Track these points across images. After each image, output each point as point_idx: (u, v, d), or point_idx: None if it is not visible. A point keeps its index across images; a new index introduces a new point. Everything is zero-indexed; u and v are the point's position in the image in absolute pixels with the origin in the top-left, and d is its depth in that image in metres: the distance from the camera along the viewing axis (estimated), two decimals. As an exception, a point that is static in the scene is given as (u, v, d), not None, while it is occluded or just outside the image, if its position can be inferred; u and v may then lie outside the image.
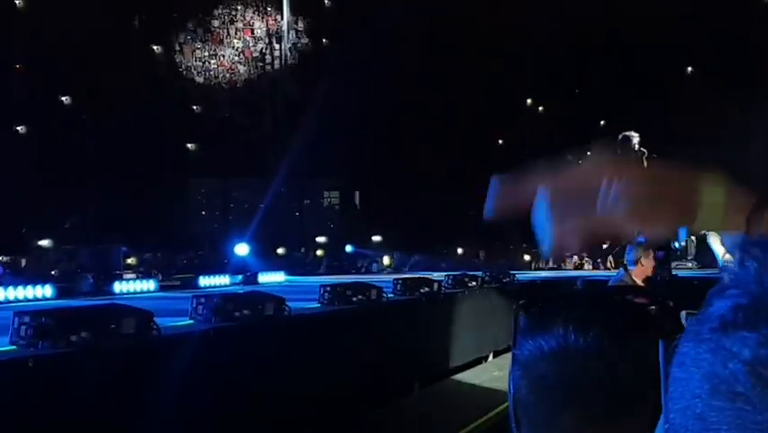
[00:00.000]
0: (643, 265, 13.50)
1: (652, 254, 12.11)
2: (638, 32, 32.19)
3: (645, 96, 31.58)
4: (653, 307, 1.39)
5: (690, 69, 33.77)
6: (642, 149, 15.75)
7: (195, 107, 32.14)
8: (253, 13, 34.43)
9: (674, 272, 18.89)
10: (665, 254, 19.01)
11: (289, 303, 11.69)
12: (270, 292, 11.93)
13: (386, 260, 30.21)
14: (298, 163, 30.52)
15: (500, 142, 34.67)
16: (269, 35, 34.15)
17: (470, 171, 32.52)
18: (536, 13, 32.46)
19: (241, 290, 16.47)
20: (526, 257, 30.95)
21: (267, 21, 34.26)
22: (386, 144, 32.15)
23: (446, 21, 33.24)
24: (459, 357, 14.90)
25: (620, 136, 16.36)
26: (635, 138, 16.04)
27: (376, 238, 31.86)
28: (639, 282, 12.97)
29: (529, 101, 35.70)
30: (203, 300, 10.53)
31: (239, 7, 34.44)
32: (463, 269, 22.71)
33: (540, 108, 35.73)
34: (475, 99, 32.51)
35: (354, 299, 12.94)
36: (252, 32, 34.42)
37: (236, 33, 34.33)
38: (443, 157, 32.02)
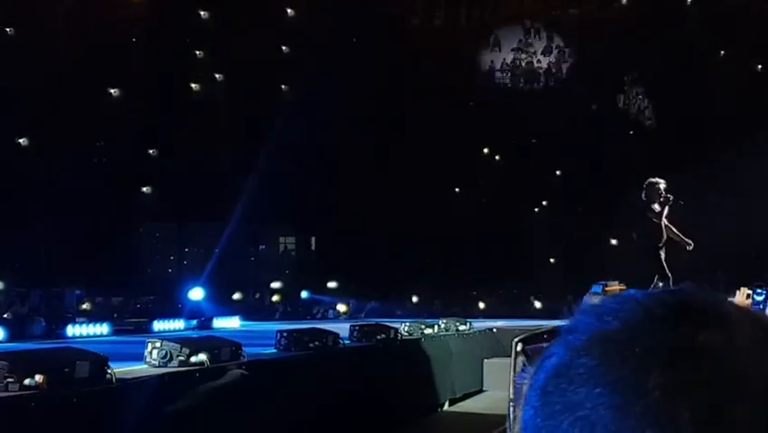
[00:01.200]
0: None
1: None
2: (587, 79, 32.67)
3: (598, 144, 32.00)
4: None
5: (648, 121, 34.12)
6: (668, 195, 15.80)
7: (151, 151, 31.94)
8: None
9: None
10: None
11: (246, 349, 11.60)
12: (227, 337, 11.85)
13: (342, 307, 30.10)
14: (254, 208, 30.37)
15: (456, 190, 34.78)
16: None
17: (428, 220, 32.68)
18: (491, 62, 32.88)
19: (196, 335, 16.33)
20: (481, 304, 30.96)
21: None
22: (342, 190, 32.17)
23: (404, 68, 33.50)
24: (415, 404, 14.84)
25: (646, 182, 16.40)
26: (662, 184, 16.06)
27: (331, 284, 31.75)
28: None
29: (486, 150, 35.88)
30: (158, 345, 10.42)
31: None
32: (419, 316, 22.71)
33: (497, 157, 35.93)
34: (432, 146, 32.64)
35: (311, 345, 12.87)
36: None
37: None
38: (399, 205, 32.05)
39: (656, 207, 15.70)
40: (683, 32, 32.46)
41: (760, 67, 32.95)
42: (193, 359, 10.40)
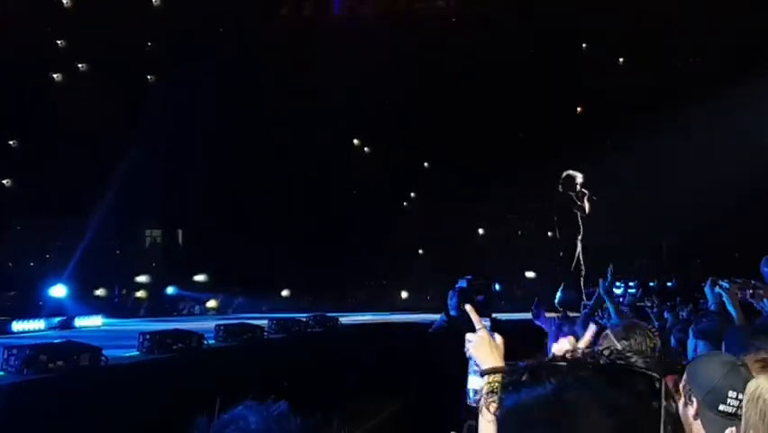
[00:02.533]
0: (463, 309, 13.70)
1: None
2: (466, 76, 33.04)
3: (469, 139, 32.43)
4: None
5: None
6: (584, 189, 15.95)
7: (11, 142, 31.06)
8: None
9: (494, 315, 19.24)
10: (485, 299, 19.43)
11: (108, 350, 11.38)
12: (86, 343, 11.58)
13: (211, 302, 29.75)
14: (119, 201, 29.82)
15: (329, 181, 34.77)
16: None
17: (298, 211, 32.63)
18: (363, 54, 32.91)
19: (56, 337, 15.92)
20: (351, 298, 31.01)
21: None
22: (211, 182, 31.80)
23: (273, 56, 33.26)
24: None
25: (563, 174, 16.49)
26: (579, 178, 16.19)
27: (199, 278, 31.37)
28: (462, 326, 13.18)
29: (356, 141, 35.95)
30: (14, 351, 10.15)
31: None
32: (288, 311, 22.67)
33: (366, 149, 36.04)
34: (303, 138, 32.58)
35: (174, 346, 12.70)
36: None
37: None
38: (270, 197, 31.94)
39: (579, 201, 15.96)
40: (551, 22, 33.13)
41: (622, 60, 33.84)
42: (51, 366, 10.17)
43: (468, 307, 4.45)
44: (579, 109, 32.42)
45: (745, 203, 27.92)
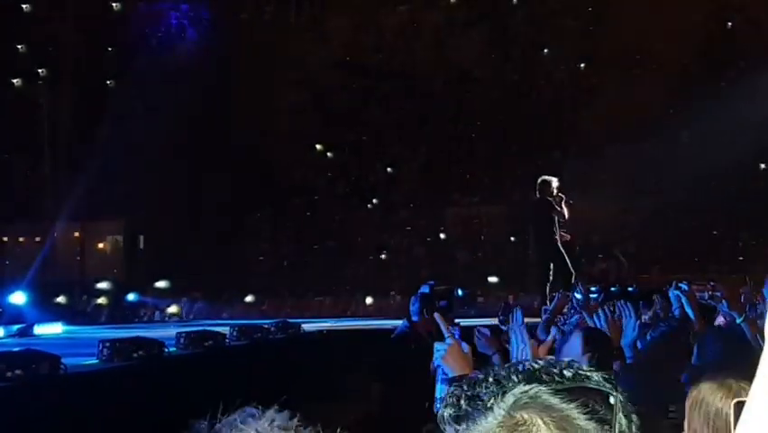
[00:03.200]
0: (426, 316, 13.77)
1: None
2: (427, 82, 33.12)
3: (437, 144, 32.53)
4: None
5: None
6: (560, 194, 15.99)
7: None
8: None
9: (457, 321, 19.20)
10: (448, 304, 19.41)
11: (67, 359, 11.26)
12: (45, 350, 11.45)
13: (173, 308, 29.53)
14: (80, 206, 29.59)
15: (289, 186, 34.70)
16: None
17: (261, 218, 32.57)
18: (323, 60, 32.95)
19: (15, 345, 15.73)
20: (314, 304, 30.87)
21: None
22: (171, 187, 31.61)
23: (233, 59, 33.19)
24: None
25: (539, 180, 16.52)
26: (555, 182, 16.24)
27: (160, 284, 31.14)
28: (424, 332, 13.20)
29: (319, 146, 35.88)
30: (-28, 361, 10.02)
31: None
32: (249, 318, 22.58)
33: (329, 154, 35.98)
34: (265, 143, 32.54)
35: (135, 354, 12.59)
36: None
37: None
38: (231, 202, 31.85)
39: (558, 206, 16.01)
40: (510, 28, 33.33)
41: (582, 65, 34.01)
42: (9, 375, 10.05)
43: (437, 315, 4.43)
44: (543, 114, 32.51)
45: (704, 207, 28.22)
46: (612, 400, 1.46)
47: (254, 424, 1.12)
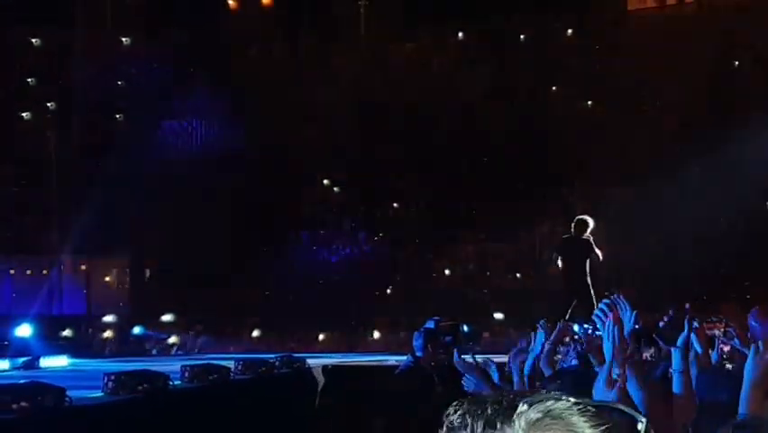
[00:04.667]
0: (430, 351, 13.83)
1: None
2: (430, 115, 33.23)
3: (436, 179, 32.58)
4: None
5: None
6: (591, 236, 16.02)
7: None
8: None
9: (463, 357, 19.13)
10: (453, 339, 19.41)
11: (72, 391, 11.29)
12: (50, 383, 11.48)
13: (178, 342, 29.53)
14: (85, 239, 29.71)
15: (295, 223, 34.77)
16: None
17: (266, 252, 32.61)
18: (333, 95, 33.12)
19: (20, 377, 15.76)
20: (321, 337, 30.82)
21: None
22: (177, 221, 31.71)
23: (241, 93, 33.36)
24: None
25: (576, 219, 16.52)
26: (591, 223, 16.24)
27: (166, 318, 31.16)
28: (428, 368, 13.24)
29: (326, 182, 35.97)
30: (-23, 393, 10.05)
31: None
32: (255, 352, 22.59)
33: (336, 189, 36.07)
34: (271, 176, 32.65)
35: (140, 387, 12.61)
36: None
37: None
38: (238, 235, 31.93)
39: (591, 249, 16.06)
40: (514, 69, 33.51)
41: (590, 103, 34.13)
42: (14, 406, 10.07)
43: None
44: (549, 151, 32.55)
45: (713, 246, 28.19)
46: (640, 426, 1.46)
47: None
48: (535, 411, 1.42)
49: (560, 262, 18.04)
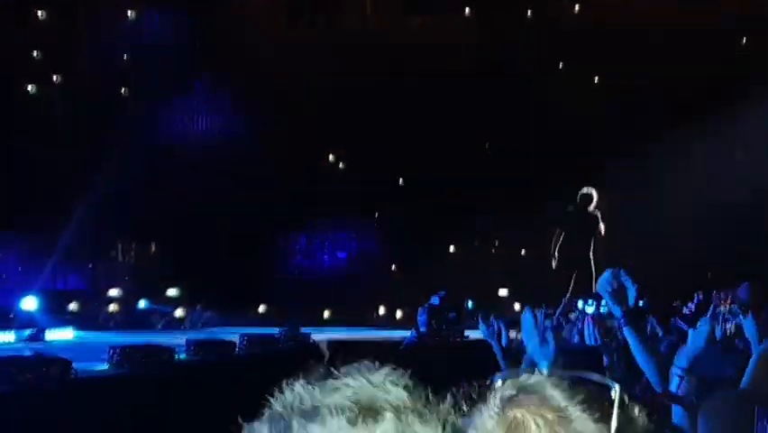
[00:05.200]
0: (434, 326, 13.82)
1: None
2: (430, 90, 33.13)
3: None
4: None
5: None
6: (597, 210, 15.99)
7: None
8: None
9: (466, 334, 19.19)
10: (457, 316, 19.48)
11: (78, 364, 11.33)
12: (56, 355, 11.54)
13: (179, 312, 29.61)
14: (92, 213, 29.74)
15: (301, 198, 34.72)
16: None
17: (272, 227, 32.63)
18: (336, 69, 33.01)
19: (27, 349, 15.83)
20: (326, 313, 30.89)
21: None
22: (184, 195, 31.70)
23: (248, 68, 33.26)
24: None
25: (580, 192, 16.48)
26: (595, 195, 16.22)
27: (172, 292, 31.23)
28: (432, 343, 13.28)
29: (331, 157, 35.93)
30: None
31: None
32: (263, 326, 22.63)
33: (341, 165, 36.03)
34: (277, 152, 32.59)
35: (145, 360, 12.67)
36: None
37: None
38: (244, 211, 31.90)
39: (594, 222, 16.06)
40: (523, 46, 33.37)
41: (597, 79, 34.01)
42: (20, 378, 10.13)
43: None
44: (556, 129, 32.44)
45: (717, 229, 28.12)
46: (613, 394, 1.46)
47: (367, 374, 1.20)
48: (510, 388, 1.43)
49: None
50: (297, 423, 1.11)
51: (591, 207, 15.98)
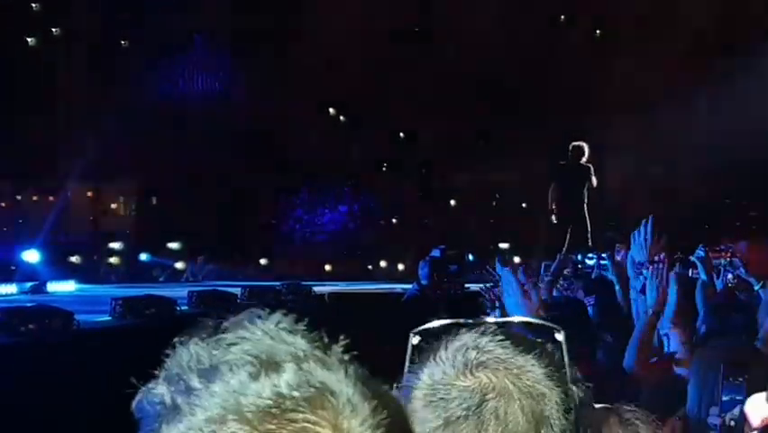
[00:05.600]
0: (436, 279, 13.86)
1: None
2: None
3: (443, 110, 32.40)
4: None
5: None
6: (589, 164, 15.94)
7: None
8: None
9: (467, 286, 19.13)
10: (459, 268, 19.50)
11: (80, 316, 11.37)
12: (58, 306, 11.56)
13: (185, 268, 29.69)
14: (93, 166, 29.70)
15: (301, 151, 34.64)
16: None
17: (272, 181, 32.62)
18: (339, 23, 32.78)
19: (28, 301, 15.87)
20: (327, 267, 30.94)
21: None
22: (185, 148, 31.62)
23: (246, 24, 33.02)
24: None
25: (571, 145, 16.42)
26: (587, 149, 16.14)
27: (173, 245, 31.27)
28: (433, 296, 13.29)
29: (332, 111, 35.81)
30: (-15, 315, 10.13)
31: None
32: (262, 279, 22.70)
33: (341, 118, 35.93)
34: (277, 105, 32.48)
35: (147, 312, 12.70)
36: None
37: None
38: (245, 165, 31.87)
39: (587, 174, 15.98)
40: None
41: (598, 32, 33.86)
42: (22, 329, 10.16)
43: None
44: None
45: (718, 176, 28.12)
46: (559, 336, 1.44)
47: (261, 325, 1.17)
48: (468, 346, 1.41)
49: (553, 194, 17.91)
50: (197, 383, 1.08)
51: (584, 160, 15.89)
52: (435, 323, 1.45)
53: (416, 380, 1.42)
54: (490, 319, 1.42)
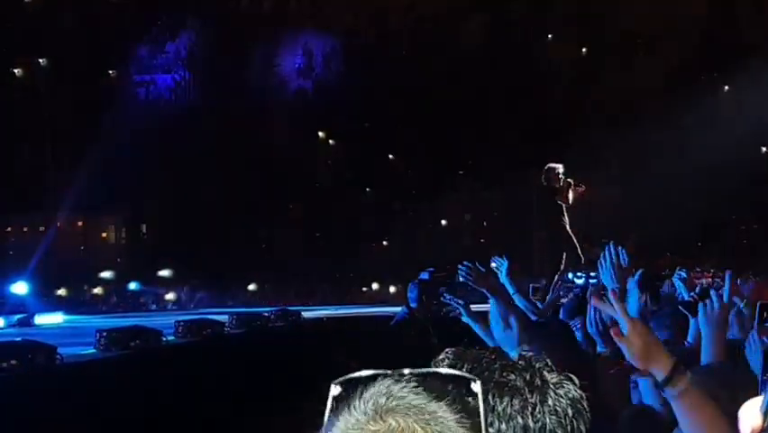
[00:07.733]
0: (425, 302, 13.71)
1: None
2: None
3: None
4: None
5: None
6: (568, 179, 15.98)
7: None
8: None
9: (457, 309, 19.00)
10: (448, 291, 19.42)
11: (65, 349, 11.23)
12: (42, 341, 11.42)
13: (170, 295, 29.55)
14: (83, 197, 29.62)
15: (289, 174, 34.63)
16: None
17: (263, 206, 32.56)
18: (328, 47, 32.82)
19: (15, 334, 15.71)
20: (317, 291, 30.81)
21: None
22: (173, 176, 31.58)
23: (235, 49, 33.08)
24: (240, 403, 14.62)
25: (545, 167, 16.57)
26: (560, 168, 16.25)
27: (163, 273, 31.14)
28: (422, 319, 13.14)
29: (321, 135, 35.84)
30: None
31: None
32: (253, 306, 22.56)
33: (331, 142, 35.96)
34: (267, 132, 32.49)
35: (132, 343, 12.55)
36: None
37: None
38: (234, 191, 31.82)
39: (563, 192, 15.97)
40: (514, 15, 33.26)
41: (584, 50, 33.97)
42: (4, 365, 10.04)
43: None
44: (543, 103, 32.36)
45: (708, 193, 28.12)
46: (474, 386, 1.39)
47: None
48: (379, 393, 1.36)
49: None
50: None
51: (560, 181, 15.94)
52: (357, 373, 1.38)
53: (333, 428, 1.36)
54: (406, 371, 1.36)
